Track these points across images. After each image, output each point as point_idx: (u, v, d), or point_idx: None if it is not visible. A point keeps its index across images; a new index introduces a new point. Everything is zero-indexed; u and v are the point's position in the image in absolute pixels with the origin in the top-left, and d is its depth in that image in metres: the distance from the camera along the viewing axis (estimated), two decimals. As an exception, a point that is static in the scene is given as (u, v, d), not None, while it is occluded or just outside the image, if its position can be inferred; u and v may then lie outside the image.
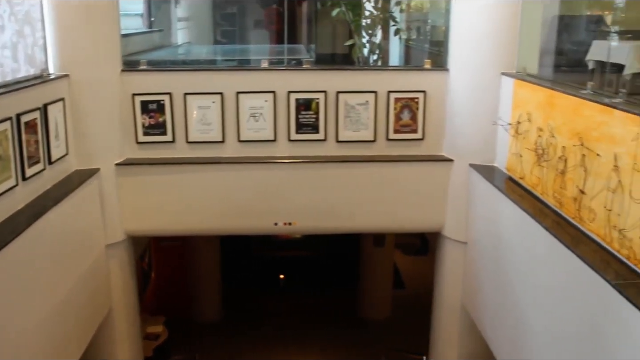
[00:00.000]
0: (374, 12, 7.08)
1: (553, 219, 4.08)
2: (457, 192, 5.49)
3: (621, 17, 7.78)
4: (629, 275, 3.27)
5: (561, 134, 4.05)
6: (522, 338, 4.38)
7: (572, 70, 7.14)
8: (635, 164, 3.23)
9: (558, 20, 7.56)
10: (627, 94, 6.10)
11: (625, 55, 6.16)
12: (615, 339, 3.19)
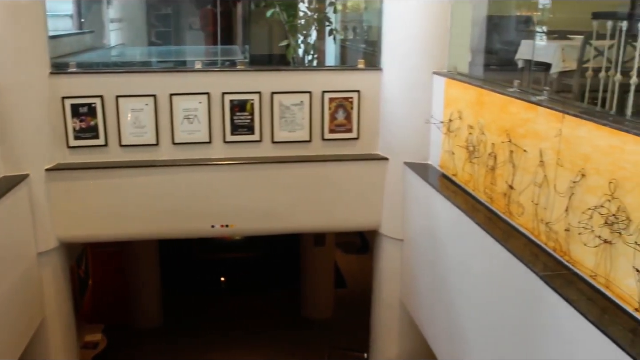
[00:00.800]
0: (308, 13, 7.09)
1: (485, 214, 4.18)
2: (393, 190, 5.56)
3: (548, 18, 8.01)
4: (556, 266, 3.37)
5: (490, 131, 4.14)
6: (458, 332, 4.46)
7: (503, 69, 7.32)
8: (558, 159, 3.34)
9: (488, 20, 7.73)
10: (555, 91, 6.31)
11: (551, 55, 6.34)
12: (544, 328, 3.29)
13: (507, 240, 3.75)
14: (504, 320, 3.78)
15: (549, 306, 3.20)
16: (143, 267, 9.39)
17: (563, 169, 3.31)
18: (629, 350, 2.62)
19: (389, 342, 6.08)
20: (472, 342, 4.26)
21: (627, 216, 2.82)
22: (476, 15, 6.04)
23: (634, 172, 2.78)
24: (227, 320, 9.74)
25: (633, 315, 2.83)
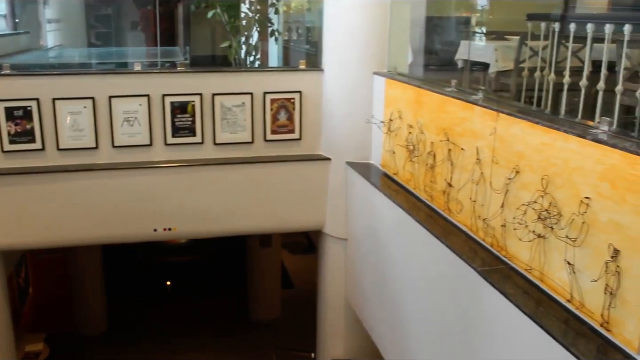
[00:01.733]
0: (249, 14, 7.07)
1: (425, 212, 4.24)
2: (336, 190, 5.59)
3: (486, 19, 8.19)
4: (494, 261, 3.45)
5: (429, 130, 4.21)
6: (401, 328, 4.52)
7: (443, 69, 7.44)
8: (493, 156, 3.42)
9: (428, 21, 7.85)
10: (493, 90, 6.45)
11: (490, 55, 6.48)
12: (483, 321, 3.36)
13: (447, 237, 3.81)
14: (446, 316, 3.85)
15: (488, 300, 3.27)
16: (86, 273, 9.22)
17: (498, 166, 3.39)
18: (562, 340, 2.71)
19: (335, 341, 6.11)
20: (415, 338, 4.32)
21: (559, 211, 2.91)
22: (415, 15, 6.13)
23: (564, 168, 2.87)
24: (173, 325, 9.64)
25: (565, 307, 2.92)
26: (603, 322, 2.69)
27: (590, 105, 4.15)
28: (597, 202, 2.68)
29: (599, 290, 2.68)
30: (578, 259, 2.81)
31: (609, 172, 2.60)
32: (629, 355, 2.57)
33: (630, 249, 2.52)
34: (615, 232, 2.59)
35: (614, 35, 3.99)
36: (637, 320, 2.51)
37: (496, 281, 3.24)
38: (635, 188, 2.47)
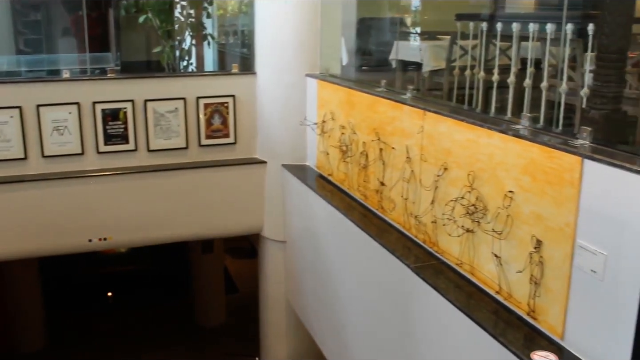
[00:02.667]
0: (181, 19, 7.01)
1: (360, 211, 4.29)
2: (273, 193, 5.59)
3: (419, 20, 8.33)
4: (427, 257, 3.52)
5: (361, 130, 4.26)
6: (342, 328, 4.56)
7: (379, 70, 7.53)
8: (422, 154, 3.49)
9: (362, 22, 7.94)
10: (427, 89, 6.57)
11: (422, 55, 6.59)
12: (418, 317, 3.42)
13: (381, 235, 3.86)
14: (383, 313, 3.90)
15: (422, 296, 3.33)
16: (22, 287, 8.95)
17: (427, 164, 3.46)
18: (491, 330, 2.78)
19: (278, 344, 6.11)
20: (355, 337, 4.36)
21: (485, 205, 2.99)
22: (348, 17, 6.19)
23: (489, 163, 2.95)
24: (117, 336, 9.46)
25: (495, 298, 3.00)
26: (529, 310, 2.78)
27: (519, 102, 4.27)
28: (520, 195, 2.76)
29: (525, 281, 2.77)
30: (504, 251, 2.89)
31: (529, 166, 2.69)
32: (554, 341, 2.66)
33: (551, 239, 2.60)
34: (537, 223, 2.68)
35: (539, 34, 4.10)
36: (560, 307, 2.60)
37: (429, 277, 3.30)
38: (554, 180, 2.55)
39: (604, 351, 2.43)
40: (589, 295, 2.47)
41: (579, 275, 2.51)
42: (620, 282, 2.32)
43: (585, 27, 3.93)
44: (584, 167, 2.42)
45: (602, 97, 4.24)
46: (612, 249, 2.35)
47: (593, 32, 3.83)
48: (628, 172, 2.24)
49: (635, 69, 4.91)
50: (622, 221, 2.29)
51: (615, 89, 4.28)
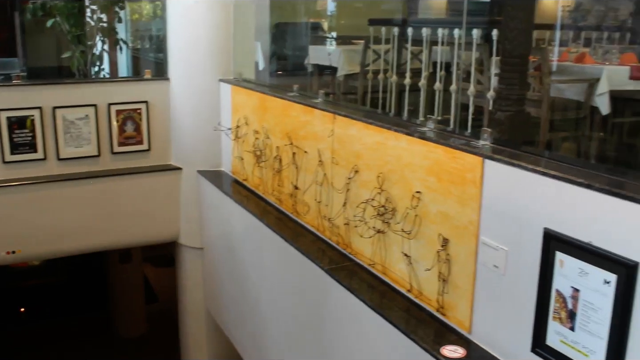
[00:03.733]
0: (91, 23, 6.84)
1: (275, 215, 4.30)
2: (189, 200, 5.54)
3: (334, 24, 8.44)
4: (341, 259, 3.56)
5: (274, 135, 4.28)
6: (261, 333, 4.55)
7: (295, 74, 7.58)
8: (333, 157, 3.53)
9: (278, 27, 7.97)
10: (342, 93, 6.65)
11: (337, 59, 6.68)
12: (335, 318, 3.46)
13: (296, 239, 3.89)
14: (300, 316, 3.92)
15: (336, 297, 3.37)
16: None
17: (339, 166, 3.50)
18: (403, 328, 2.85)
19: (198, 352, 6.05)
20: (274, 341, 4.36)
21: (394, 206, 3.06)
22: (260, 22, 6.20)
23: (397, 165, 3.02)
24: (31, 352, 9.11)
25: (407, 296, 3.08)
26: (439, 307, 2.86)
27: (431, 105, 4.38)
28: (427, 196, 2.84)
29: (433, 278, 2.85)
30: (413, 250, 2.97)
31: (434, 166, 2.77)
32: (462, 335, 2.75)
33: (457, 237, 2.69)
34: (443, 222, 2.76)
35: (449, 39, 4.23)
36: (467, 303, 2.69)
37: (342, 278, 3.35)
38: (457, 180, 2.64)
39: (508, 342, 2.53)
40: (493, 289, 2.57)
41: (483, 270, 2.60)
42: (520, 275, 2.43)
43: (490, 32, 4.08)
44: (484, 167, 2.52)
45: (507, 100, 4.42)
46: (512, 245, 2.45)
47: (497, 38, 3.97)
48: (524, 170, 2.35)
49: (537, 72, 5.13)
50: (521, 217, 2.39)
51: (518, 92, 4.47)
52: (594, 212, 2.11)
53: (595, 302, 2.14)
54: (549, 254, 2.28)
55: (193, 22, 5.26)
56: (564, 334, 2.28)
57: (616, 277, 2.06)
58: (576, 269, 2.20)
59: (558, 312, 2.29)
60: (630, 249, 2.00)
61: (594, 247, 2.12)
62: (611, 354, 2.11)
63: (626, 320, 2.04)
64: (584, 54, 5.62)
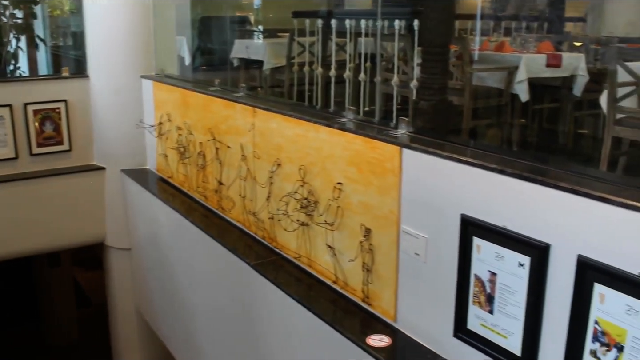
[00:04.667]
0: (3, 19, 6.57)
1: (201, 212, 4.24)
2: (114, 200, 5.39)
3: (260, 18, 8.38)
4: (267, 254, 3.54)
5: (197, 131, 4.21)
6: (192, 332, 4.49)
7: (221, 69, 7.49)
8: (254, 151, 3.50)
9: (202, 21, 7.86)
10: (269, 86, 6.61)
11: (262, 53, 6.63)
12: (263, 314, 3.44)
13: (223, 235, 3.84)
14: (231, 313, 3.88)
15: (264, 292, 3.34)
16: None
17: (261, 160, 3.47)
18: (329, 320, 2.85)
19: (131, 355, 5.92)
20: (206, 339, 4.30)
21: (316, 199, 3.05)
22: (182, 16, 6.10)
23: (318, 157, 3.01)
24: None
25: (333, 288, 3.07)
26: (364, 297, 2.86)
27: (357, 96, 4.39)
28: (348, 187, 2.84)
29: (358, 269, 2.85)
30: (337, 241, 2.97)
31: (354, 157, 2.77)
32: (388, 323, 2.76)
33: (379, 226, 2.70)
34: (365, 212, 2.76)
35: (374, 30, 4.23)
36: (391, 291, 2.70)
37: (269, 273, 3.33)
38: (377, 170, 2.65)
39: (431, 328, 2.56)
40: (415, 277, 2.59)
41: (405, 259, 2.62)
42: (440, 262, 2.45)
43: (412, 23, 4.11)
44: (402, 156, 2.53)
45: (430, 89, 4.48)
46: (432, 232, 2.47)
47: (418, 28, 4.00)
48: (440, 158, 2.37)
49: (459, 61, 5.21)
50: (439, 205, 2.42)
51: (440, 81, 4.53)
52: (508, 197, 2.15)
53: (511, 284, 2.18)
54: (467, 240, 2.31)
55: (111, 18, 5.12)
56: (483, 318, 2.31)
57: (530, 259, 2.11)
58: (493, 253, 2.23)
59: (477, 296, 2.32)
60: (542, 231, 2.05)
61: (508, 231, 2.16)
62: (527, 335, 2.16)
63: (540, 300, 2.09)
64: (503, 42, 5.74)
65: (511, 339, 2.22)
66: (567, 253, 1.97)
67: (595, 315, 1.92)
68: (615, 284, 1.85)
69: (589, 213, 1.90)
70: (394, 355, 2.61)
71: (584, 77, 5.47)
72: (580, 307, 1.95)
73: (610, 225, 1.85)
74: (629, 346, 1.83)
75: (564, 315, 2.00)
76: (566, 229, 1.98)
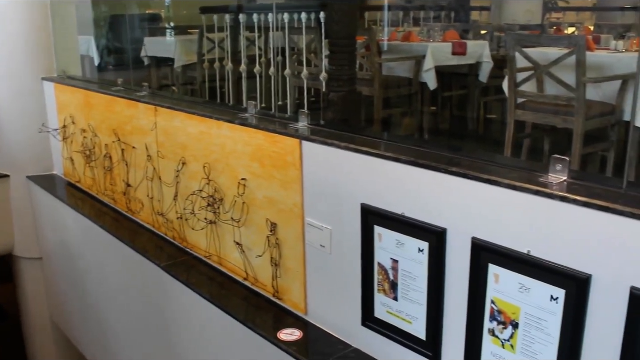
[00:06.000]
0: None
1: (111, 216, 4.13)
2: (21, 208, 5.18)
3: (169, 15, 8.23)
4: (178, 254, 3.48)
5: (102, 132, 4.09)
6: (109, 338, 4.38)
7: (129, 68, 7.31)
8: (159, 151, 3.43)
9: (111, 19, 7.65)
10: (181, 84, 6.51)
11: (173, 50, 6.53)
12: (177, 316, 3.39)
13: (134, 238, 3.76)
14: (145, 317, 3.80)
15: (176, 294, 3.29)
16: None
17: (167, 159, 3.41)
18: (241, 317, 2.83)
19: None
20: (122, 345, 4.21)
21: (222, 196, 3.01)
22: (83, 15, 5.93)
23: (221, 154, 2.97)
24: None
25: (244, 284, 3.05)
26: (274, 292, 2.85)
27: (268, 91, 4.36)
28: (252, 182, 2.82)
29: (266, 264, 2.84)
30: (244, 237, 2.94)
31: (256, 152, 2.75)
32: (299, 317, 2.76)
33: (284, 220, 2.69)
34: (270, 207, 2.75)
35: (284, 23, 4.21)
36: (300, 284, 2.70)
37: (180, 273, 3.27)
38: (279, 164, 2.64)
39: (341, 319, 2.57)
40: (322, 269, 2.59)
41: (311, 251, 2.62)
42: (345, 253, 2.47)
43: (319, 15, 4.12)
44: (302, 148, 2.52)
45: (339, 80, 4.50)
46: (335, 223, 2.48)
47: (325, 20, 4.01)
48: (339, 149, 2.38)
49: (368, 52, 5.25)
50: (340, 195, 2.42)
51: (348, 72, 4.56)
52: (404, 185, 2.18)
53: (412, 270, 2.21)
54: (368, 229, 2.33)
55: (8, 19, 4.90)
56: (389, 305, 2.34)
57: (428, 244, 2.14)
58: (393, 240, 2.26)
59: (381, 284, 2.35)
60: (438, 216, 2.08)
61: (406, 218, 2.18)
62: (430, 319, 2.19)
63: (440, 285, 2.13)
64: (410, 32, 5.83)
65: (415, 323, 2.26)
66: (462, 236, 2.01)
67: (492, 295, 1.97)
68: (507, 263, 1.91)
69: (480, 196, 1.94)
70: (305, 348, 2.60)
71: (489, 64, 5.63)
72: (477, 288, 2.00)
73: (500, 206, 1.90)
74: (523, 322, 1.89)
75: (463, 297, 2.05)
76: (460, 213, 2.02)
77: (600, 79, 4.07)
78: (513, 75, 4.21)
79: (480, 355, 2.04)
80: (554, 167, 1.88)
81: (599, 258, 1.68)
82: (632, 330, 1.62)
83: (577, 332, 1.76)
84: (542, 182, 1.84)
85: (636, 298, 1.61)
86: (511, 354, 1.94)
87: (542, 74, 4.17)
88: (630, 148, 3.00)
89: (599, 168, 4.23)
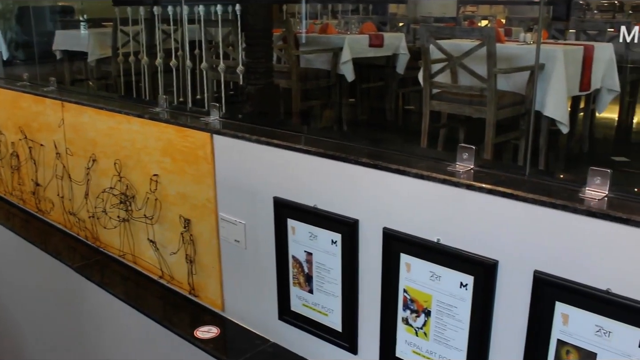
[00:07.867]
0: None
1: (21, 217, 3.97)
2: None
3: (82, 7, 7.97)
4: (92, 254, 3.37)
5: (8, 130, 3.92)
6: (23, 347, 4.21)
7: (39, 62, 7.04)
8: (67, 148, 3.31)
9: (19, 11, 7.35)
10: (96, 79, 6.32)
11: (86, 43, 6.33)
12: (93, 319, 3.28)
13: (45, 240, 3.62)
14: (60, 322, 3.67)
15: (90, 295, 3.19)
16: None
17: (76, 157, 3.29)
18: (158, 317, 2.76)
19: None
20: (37, 352, 4.06)
21: (134, 193, 2.93)
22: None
23: (132, 150, 2.89)
24: None
25: (160, 283, 2.98)
26: (191, 289, 2.80)
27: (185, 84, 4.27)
28: (165, 178, 2.75)
29: (181, 261, 2.78)
30: (158, 235, 2.87)
31: (168, 147, 2.69)
32: (217, 314, 2.72)
33: (197, 216, 2.64)
34: (183, 203, 2.69)
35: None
36: (216, 281, 2.66)
37: (93, 274, 3.18)
38: (190, 159, 2.58)
39: (258, 313, 2.55)
40: (238, 264, 2.56)
41: (226, 246, 2.58)
42: (259, 247, 2.44)
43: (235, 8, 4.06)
44: (213, 142, 2.48)
45: (256, 73, 4.47)
46: (249, 218, 2.45)
47: (240, 13, 3.96)
48: (250, 142, 2.35)
49: (285, 44, 5.23)
50: (253, 189, 2.39)
51: (265, 65, 4.53)
52: (315, 177, 2.17)
53: (326, 262, 2.20)
54: (281, 222, 2.31)
55: None
56: (305, 298, 2.33)
57: (341, 236, 2.14)
58: (307, 233, 2.25)
59: (297, 277, 2.33)
60: (350, 208, 2.08)
61: (319, 210, 2.18)
62: (346, 310, 2.20)
63: (354, 276, 2.13)
64: (327, 24, 5.84)
65: (332, 315, 2.25)
66: (374, 227, 2.02)
67: (404, 285, 1.99)
68: (418, 252, 1.92)
69: (390, 186, 1.95)
70: (223, 344, 2.57)
71: (406, 56, 5.71)
72: (390, 278, 2.01)
73: (410, 196, 1.91)
74: (435, 310, 1.91)
75: (377, 287, 2.06)
76: (372, 204, 2.02)
77: (510, 69, 4.18)
78: (428, 67, 4.27)
79: (395, 344, 2.05)
80: (461, 156, 1.91)
81: (505, 244, 1.71)
82: (536, 311, 1.67)
83: (486, 316, 1.79)
84: (450, 170, 1.86)
85: (539, 281, 1.65)
86: (425, 342, 1.96)
87: (456, 66, 4.26)
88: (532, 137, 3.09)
89: (511, 156, 4.36)
